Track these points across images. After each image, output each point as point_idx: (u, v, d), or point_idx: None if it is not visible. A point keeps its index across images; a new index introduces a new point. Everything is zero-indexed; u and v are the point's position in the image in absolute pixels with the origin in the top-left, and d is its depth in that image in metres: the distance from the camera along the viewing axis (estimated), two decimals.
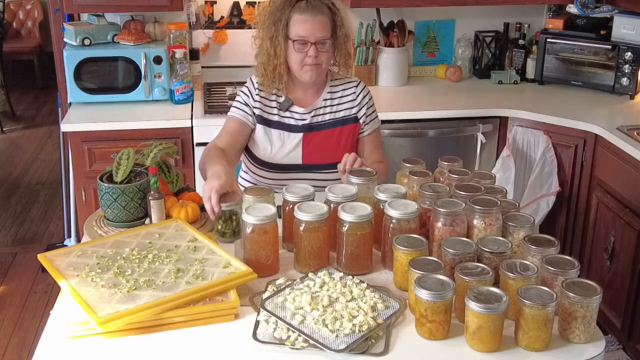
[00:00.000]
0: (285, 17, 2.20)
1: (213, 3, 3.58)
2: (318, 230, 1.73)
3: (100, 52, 3.21)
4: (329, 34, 2.22)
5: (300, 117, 2.33)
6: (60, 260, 1.71)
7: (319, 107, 2.34)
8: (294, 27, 2.20)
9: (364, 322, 1.49)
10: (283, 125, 2.32)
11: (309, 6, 2.20)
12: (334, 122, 2.35)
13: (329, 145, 2.33)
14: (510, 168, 3.24)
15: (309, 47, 2.20)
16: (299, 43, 2.20)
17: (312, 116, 2.33)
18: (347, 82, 2.40)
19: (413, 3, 3.49)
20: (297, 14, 2.19)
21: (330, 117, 2.35)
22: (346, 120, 2.35)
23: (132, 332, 1.50)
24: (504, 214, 1.74)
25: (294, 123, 2.32)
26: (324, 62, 2.25)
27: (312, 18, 2.19)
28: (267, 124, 2.32)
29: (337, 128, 2.35)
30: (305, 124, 2.32)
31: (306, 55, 2.21)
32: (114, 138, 3.06)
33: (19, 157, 5.57)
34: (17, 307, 3.47)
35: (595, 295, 1.46)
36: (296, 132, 2.32)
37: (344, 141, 2.35)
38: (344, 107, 2.36)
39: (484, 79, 3.80)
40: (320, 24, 2.20)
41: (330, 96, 2.36)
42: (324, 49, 2.22)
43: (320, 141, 2.33)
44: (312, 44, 2.19)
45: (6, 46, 6.81)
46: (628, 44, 3.33)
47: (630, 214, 2.82)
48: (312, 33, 2.19)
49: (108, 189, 1.91)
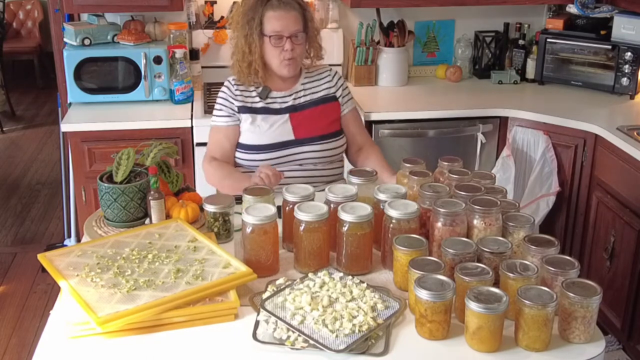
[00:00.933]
0: (258, 16, 2.31)
1: (213, 3, 3.58)
2: (318, 231, 1.73)
3: (100, 52, 3.21)
4: (301, 28, 2.35)
5: (282, 100, 2.43)
6: (60, 260, 1.71)
7: (298, 91, 2.45)
8: (269, 23, 2.31)
9: (364, 322, 1.49)
10: (268, 110, 2.41)
11: (281, 3, 2.31)
12: (315, 102, 2.46)
13: (316, 119, 2.44)
14: (510, 168, 3.24)
15: (284, 42, 2.31)
16: (275, 38, 2.31)
17: (293, 98, 2.44)
18: (321, 69, 2.53)
19: (413, 3, 3.49)
20: (271, 11, 2.31)
21: (311, 98, 2.46)
22: (326, 99, 2.47)
23: (132, 332, 1.50)
24: (504, 214, 1.74)
25: (277, 107, 2.42)
26: (299, 55, 2.38)
27: (285, 13, 2.31)
28: (252, 111, 2.41)
29: (319, 106, 2.46)
30: (288, 105, 2.43)
31: (282, 49, 2.32)
32: (114, 138, 3.06)
33: (19, 157, 5.57)
34: (17, 307, 3.47)
35: (595, 296, 1.46)
36: (282, 113, 2.42)
37: (329, 116, 2.46)
38: (321, 88, 2.48)
39: (484, 79, 3.80)
40: (293, 18, 2.32)
41: (307, 81, 2.48)
42: (298, 42, 2.34)
43: (307, 117, 2.43)
44: (287, 37, 2.31)
45: (6, 46, 6.81)
46: (628, 44, 3.33)
47: (630, 214, 2.82)
48: (287, 27, 2.31)
49: (108, 189, 1.91)
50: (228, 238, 1.94)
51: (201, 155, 3.03)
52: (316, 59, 2.48)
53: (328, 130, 2.44)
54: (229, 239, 1.94)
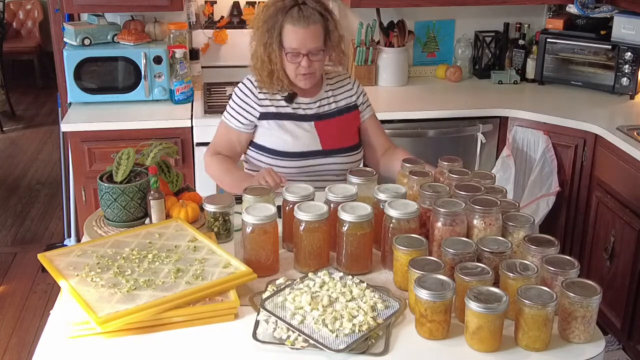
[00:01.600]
0: (278, 26, 2.21)
1: (213, 3, 3.58)
2: (318, 230, 1.73)
3: (100, 52, 3.21)
4: (321, 43, 2.24)
5: (307, 106, 2.37)
6: (60, 260, 1.71)
7: (322, 98, 2.39)
8: (287, 37, 2.22)
9: (364, 322, 1.49)
10: (295, 116, 2.35)
11: (301, 16, 2.19)
12: (339, 111, 2.40)
13: (342, 130, 2.39)
14: (510, 168, 3.24)
15: (301, 58, 2.22)
16: (292, 55, 2.22)
17: (317, 106, 2.38)
18: (342, 76, 2.48)
19: (413, 3, 3.49)
20: (290, 25, 2.20)
21: (336, 107, 2.40)
22: (349, 108, 2.42)
23: (131, 332, 1.50)
24: (504, 214, 1.74)
25: (302, 113, 2.36)
26: (318, 70, 2.29)
27: (304, 29, 2.19)
28: (278, 117, 2.35)
29: (343, 115, 2.41)
30: (313, 113, 2.37)
31: (299, 65, 2.24)
32: (114, 138, 3.06)
33: (19, 157, 5.57)
34: (17, 307, 3.47)
35: (595, 295, 1.46)
36: (308, 120, 2.36)
37: (353, 126, 2.43)
38: (343, 96, 2.43)
39: (484, 79, 3.80)
40: (312, 33, 2.21)
41: (329, 88, 2.42)
42: (316, 58, 2.25)
43: (333, 126, 2.38)
44: (304, 55, 2.22)
45: (6, 46, 6.81)
46: (628, 44, 3.33)
47: (630, 214, 2.82)
48: (304, 44, 2.21)
49: (108, 189, 1.91)
50: (228, 238, 1.94)
51: (201, 155, 3.04)
52: (337, 65, 2.41)
53: (352, 141, 2.40)
54: (229, 239, 1.94)
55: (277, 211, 1.77)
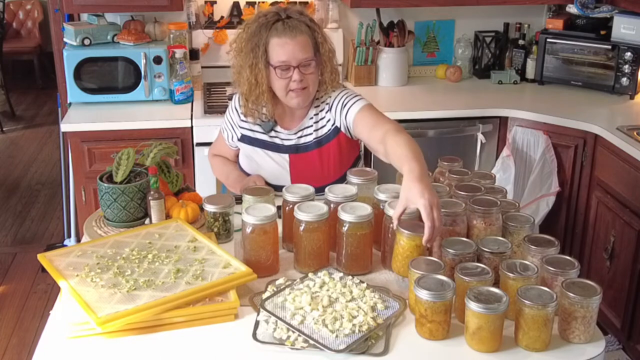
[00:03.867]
0: (263, 43, 2.07)
1: (213, 3, 3.58)
2: (318, 231, 1.73)
3: (100, 52, 3.21)
4: (311, 54, 2.09)
5: (285, 137, 2.24)
6: (60, 261, 1.71)
7: (305, 127, 2.23)
8: (274, 52, 2.06)
9: (364, 322, 1.49)
10: (270, 145, 2.25)
11: (286, 27, 2.05)
12: (318, 142, 2.22)
13: (316, 167, 2.23)
14: (510, 168, 3.24)
15: (292, 72, 2.07)
16: (281, 69, 2.07)
17: (298, 137, 2.23)
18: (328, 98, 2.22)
19: (413, 3, 3.49)
20: (275, 38, 2.05)
21: (315, 137, 2.22)
22: (329, 136, 2.21)
23: (131, 332, 1.50)
24: (504, 214, 1.74)
25: (280, 143, 2.24)
26: (311, 85, 2.12)
27: (291, 40, 2.05)
28: (253, 143, 2.27)
29: (323, 147, 2.22)
30: (291, 144, 2.23)
31: (290, 80, 2.08)
32: (114, 138, 3.06)
33: (19, 157, 5.57)
34: (17, 307, 3.47)
35: (595, 296, 1.46)
36: (283, 152, 2.24)
37: (332, 160, 2.23)
38: (325, 121, 2.22)
39: (483, 79, 3.80)
40: (301, 44, 2.06)
41: (315, 112, 2.22)
42: (308, 71, 2.09)
43: (308, 163, 2.23)
44: (295, 67, 2.06)
45: (6, 46, 6.81)
46: (628, 44, 3.33)
47: (630, 214, 2.81)
48: (294, 56, 2.05)
49: (108, 189, 1.91)
50: (228, 238, 1.94)
51: (201, 155, 3.05)
52: (331, 86, 2.18)
53: (330, 179, 2.17)
54: (229, 239, 1.94)
55: (277, 211, 1.77)
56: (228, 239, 1.94)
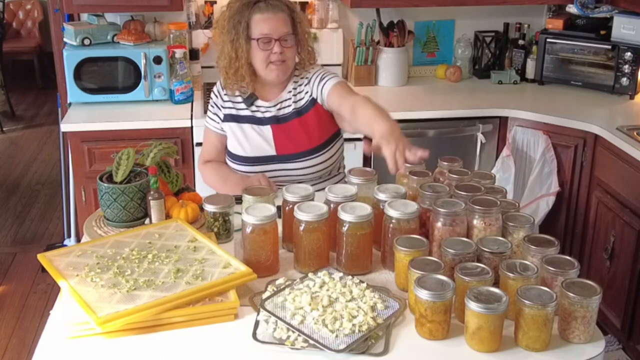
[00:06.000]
0: (245, 19, 2.22)
1: (213, 3, 3.58)
2: (318, 230, 1.73)
3: (100, 52, 3.21)
4: (291, 30, 2.25)
5: (265, 109, 2.34)
6: (60, 260, 1.71)
7: (283, 100, 2.35)
8: (256, 26, 2.22)
9: (364, 322, 1.49)
10: (252, 119, 2.34)
11: (268, 6, 2.23)
12: (298, 112, 2.33)
13: (298, 135, 2.33)
14: (510, 168, 3.24)
15: (273, 44, 2.22)
16: (263, 41, 2.22)
17: (277, 109, 2.34)
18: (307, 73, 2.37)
19: (413, 3, 3.49)
20: (258, 14, 2.22)
21: (294, 108, 2.34)
22: (307, 107, 2.34)
23: (131, 332, 1.50)
24: (504, 214, 1.74)
25: (260, 116, 2.34)
26: (290, 59, 2.28)
27: (273, 16, 2.22)
28: (237, 120, 2.35)
29: (302, 117, 2.33)
30: (271, 116, 2.34)
31: (271, 52, 2.23)
32: (114, 138, 3.06)
33: (19, 157, 5.58)
34: (17, 307, 3.47)
35: (595, 295, 1.46)
36: (265, 124, 2.33)
37: (312, 127, 2.33)
38: (302, 95, 2.35)
39: (483, 79, 3.80)
40: (282, 20, 2.23)
41: (293, 87, 2.36)
42: (288, 45, 2.24)
43: (290, 132, 2.33)
44: (276, 40, 2.22)
45: (6, 46, 6.81)
46: (628, 44, 3.33)
47: (630, 214, 2.82)
48: (276, 29, 2.22)
49: (108, 189, 1.91)
50: (228, 238, 1.94)
51: None
52: (308, 63, 2.36)
53: (313, 144, 2.31)
54: (229, 239, 1.94)
55: (277, 211, 1.77)
56: (228, 239, 1.94)
